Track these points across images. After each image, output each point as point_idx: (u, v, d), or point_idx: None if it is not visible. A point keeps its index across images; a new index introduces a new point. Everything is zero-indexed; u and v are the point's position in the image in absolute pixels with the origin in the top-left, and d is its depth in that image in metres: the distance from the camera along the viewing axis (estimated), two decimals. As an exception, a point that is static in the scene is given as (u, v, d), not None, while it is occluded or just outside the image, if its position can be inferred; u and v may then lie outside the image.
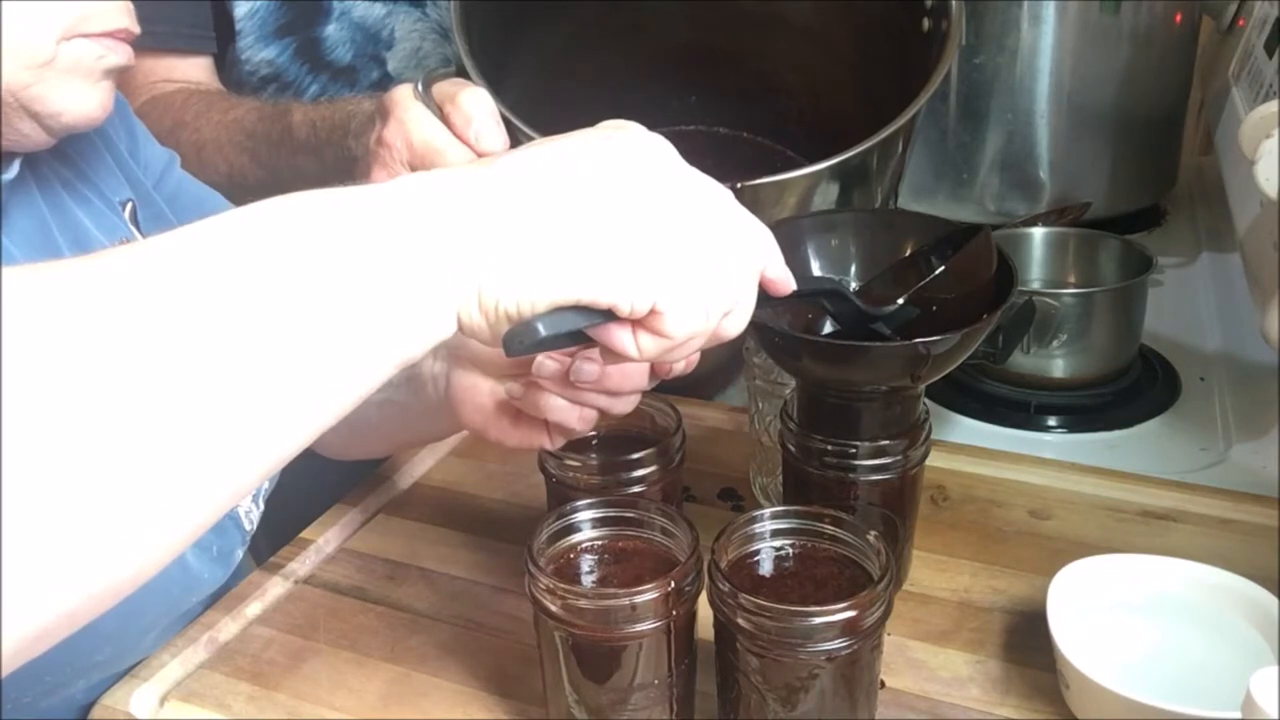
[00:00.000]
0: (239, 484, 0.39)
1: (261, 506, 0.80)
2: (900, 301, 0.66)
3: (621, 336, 0.47)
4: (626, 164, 0.46)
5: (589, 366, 0.56)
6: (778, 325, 0.62)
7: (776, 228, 0.52)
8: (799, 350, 0.65)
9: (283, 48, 1.10)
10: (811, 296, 0.62)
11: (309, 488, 0.86)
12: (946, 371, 0.65)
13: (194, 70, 1.07)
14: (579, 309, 0.45)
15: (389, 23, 1.15)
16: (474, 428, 0.69)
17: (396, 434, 0.81)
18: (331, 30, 1.12)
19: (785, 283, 0.54)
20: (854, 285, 0.71)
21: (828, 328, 0.69)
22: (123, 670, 0.71)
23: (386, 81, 1.12)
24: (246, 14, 1.08)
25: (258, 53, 1.10)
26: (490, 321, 0.44)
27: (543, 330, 0.44)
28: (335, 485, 0.87)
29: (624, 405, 0.64)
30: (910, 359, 0.62)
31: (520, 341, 0.44)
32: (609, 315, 0.46)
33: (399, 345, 0.42)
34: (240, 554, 0.78)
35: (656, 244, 0.46)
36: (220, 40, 1.09)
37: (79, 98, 0.62)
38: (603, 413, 0.64)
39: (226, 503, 0.39)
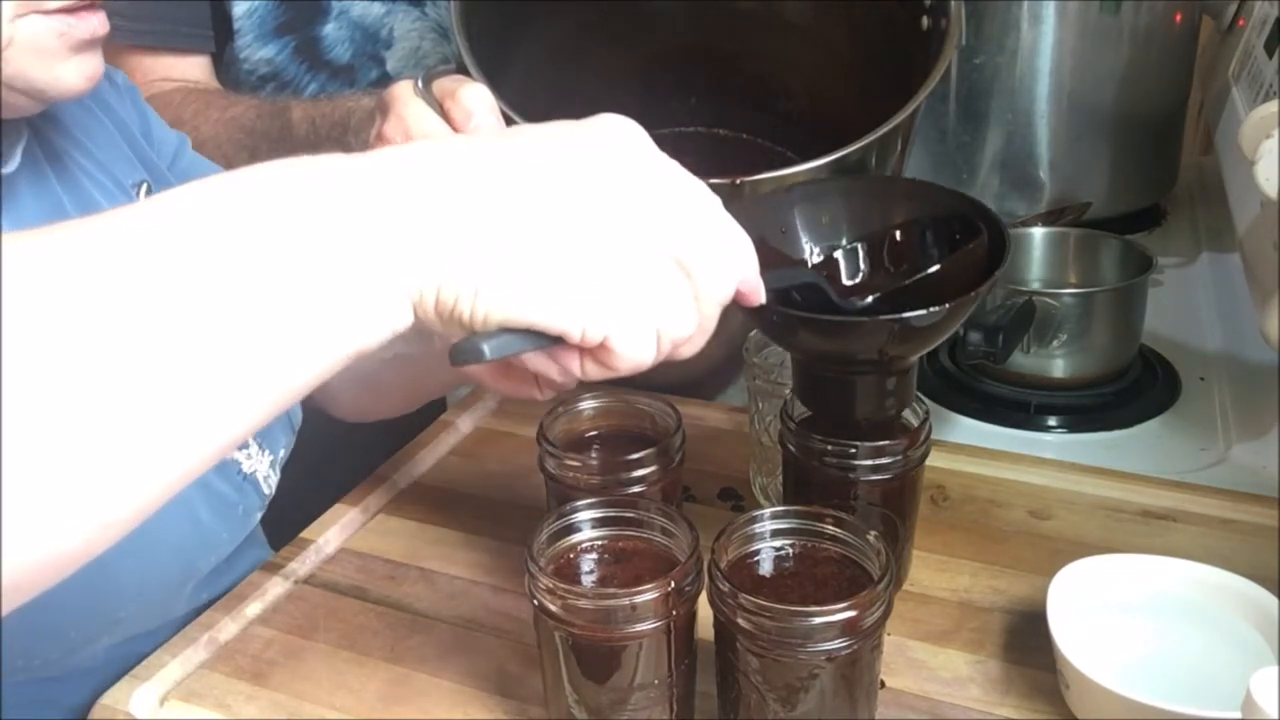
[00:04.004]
0: (194, 455, 0.39)
1: (278, 474, 0.81)
2: (878, 294, 0.65)
3: (570, 361, 0.48)
4: (608, 180, 0.46)
5: None
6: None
7: (764, 201, 0.51)
8: (789, 325, 0.63)
9: (281, 47, 1.10)
10: (784, 291, 0.61)
11: (309, 487, 0.86)
12: (938, 341, 0.64)
13: (192, 69, 1.07)
14: (529, 332, 0.45)
15: (388, 22, 1.15)
16: (470, 375, 0.70)
17: (410, 387, 0.83)
18: (330, 29, 1.12)
19: (755, 294, 0.53)
20: (845, 248, 0.69)
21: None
22: (147, 629, 0.72)
23: (385, 81, 1.12)
24: (245, 13, 1.08)
25: (256, 51, 1.10)
26: (443, 320, 0.44)
27: (488, 354, 0.44)
28: (336, 485, 0.87)
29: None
30: (891, 333, 0.61)
31: (464, 357, 0.45)
32: (557, 339, 0.46)
33: (353, 335, 0.42)
34: (258, 517, 0.79)
35: (621, 276, 0.45)
36: (219, 39, 1.09)
37: (57, 73, 0.62)
38: None
39: (183, 470, 0.39)
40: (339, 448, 0.95)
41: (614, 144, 0.47)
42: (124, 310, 0.37)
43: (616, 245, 0.45)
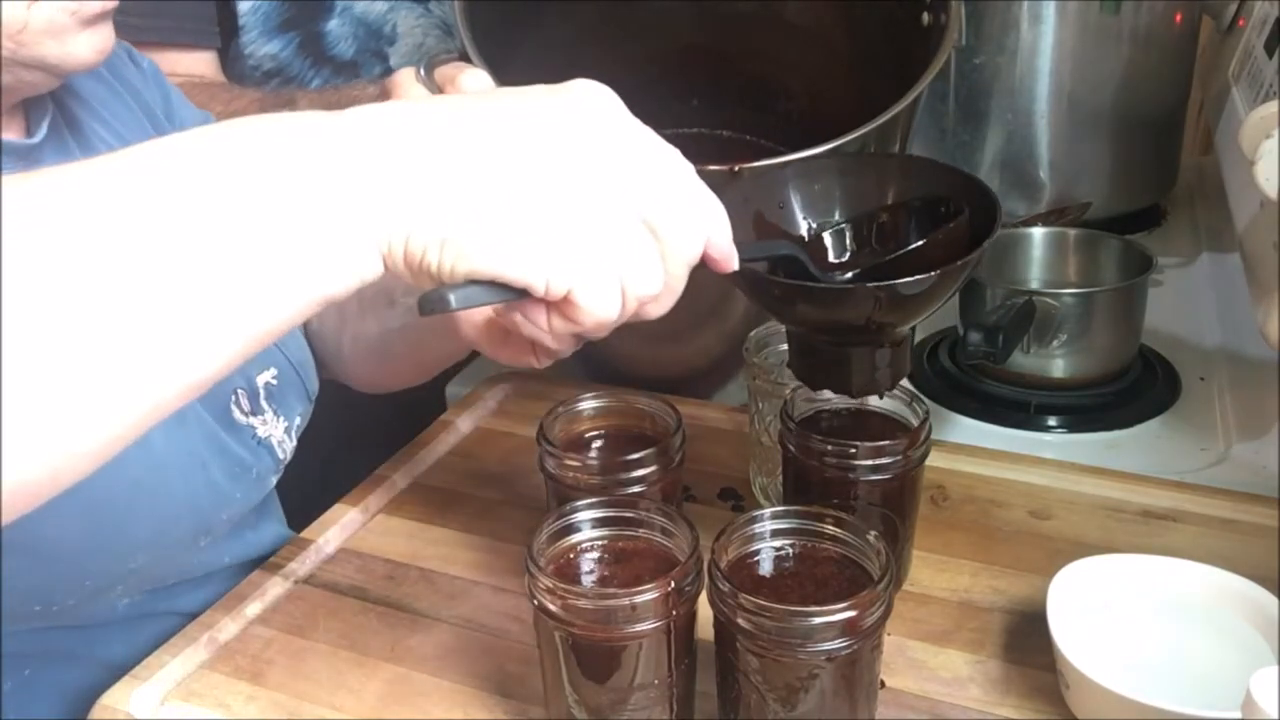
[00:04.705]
0: (162, 392, 0.40)
1: (294, 440, 0.82)
2: (868, 267, 0.66)
3: (537, 315, 0.48)
4: (587, 142, 0.47)
5: None
6: (757, 270, 0.61)
7: (761, 177, 0.51)
8: (780, 293, 0.63)
9: (286, 42, 1.11)
10: (763, 260, 0.61)
11: (310, 486, 0.86)
12: (929, 311, 0.64)
13: (198, 64, 1.08)
14: (495, 285, 0.46)
15: (391, 18, 1.16)
16: (471, 342, 0.72)
17: (421, 357, 0.85)
18: (334, 25, 1.13)
19: (728, 261, 0.53)
20: (835, 226, 0.70)
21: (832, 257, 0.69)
22: (164, 584, 0.74)
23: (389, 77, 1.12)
24: (250, 9, 1.09)
25: (261, 47, 1.10)
26: (412, 271, 0.45)
27: (454, 304, 0.46)
28: (335, 485, 0.87)
29: (597, 330, 0.65)
30: (877, 300, 0.61)
31: (432, 307, 0.46)
32: (522, 293, 0.47)
33: (321, 281, 0.43)
34: (273, 480, 0.81)
35: (586, 232, 0.46)
36: (224, 35, 1.09)
37: (70, 49, 0.64)
38: (577, 335, 0.65)
39: (151, 406, 0.40)
40: (331, 451, 0.95)
41: (585, 105, 0.48)
42: (97, 247, 0.38)
43: (582, 201, 0.46)
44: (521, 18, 0.96)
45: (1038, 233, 1.08)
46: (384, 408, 0.93)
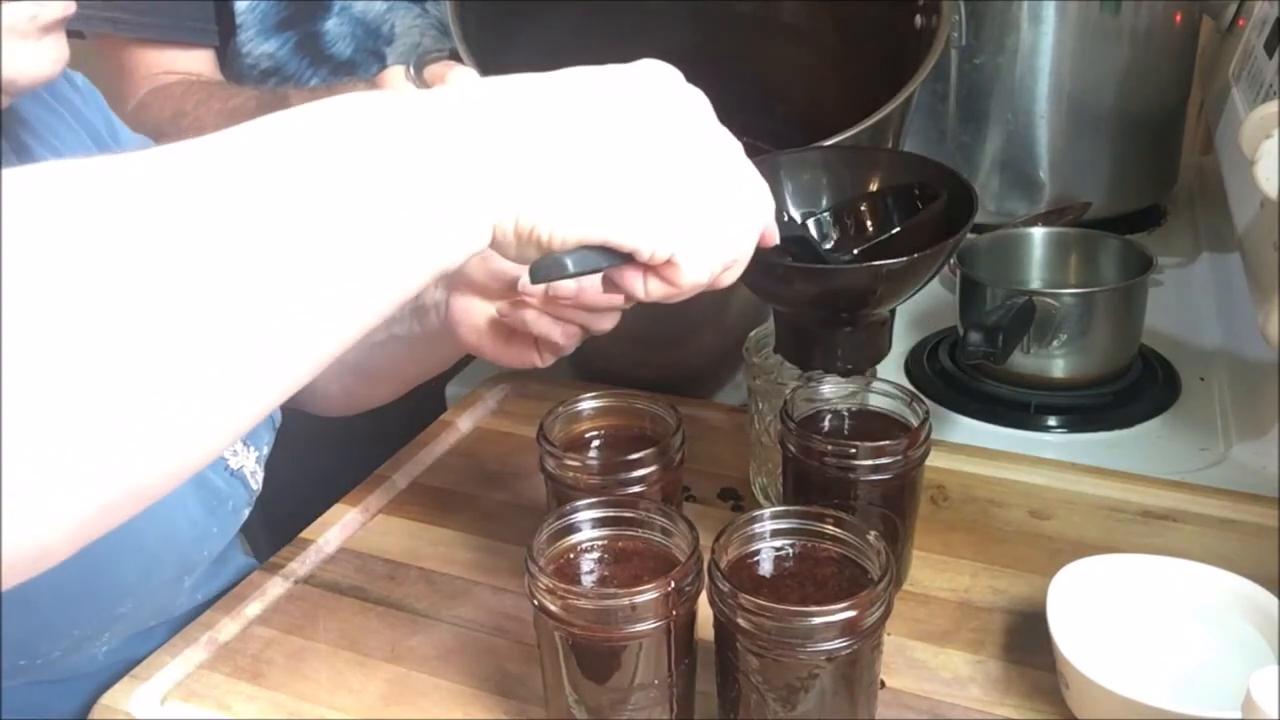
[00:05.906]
0: (271, 389, 0.38)
1: (263, 470, 0.81)
2: (856, 252, 0.69)
3: (634, 280, 0.50)
4: (669, 114, 0.48)
5: (568, 281, 0.57)
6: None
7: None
8: (768, 273, 0.65)
9: (283, 41, 1.11)
10: (782, 242, 0.64)
11: (309, 487, 0.86)
12: (912, 292, 0.66)
13: (196, 62, 1.08)
14: (603, 250, 0.47)
15: (389, 18, 1.16)
16: (471, 347, 0.72)
17: (402, 371, 0.84)
18: (332, 25, 1.13)
19: (773, 236, 0.56)
20: (819, 215, 0.73)
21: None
22: (147, 626, 0.73)
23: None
24: (246, 8, 1.09)
25: (258, 46, 1.10)
26: (521, 242, 0.45)
27: (571, 267, 0.47)
28: (335, 485, 0.87)
29: (603, 322, 0.66)
30: (878, 277, 0.64)
31: (546, 273, 0.47)
32: (627, 257, 0.48)
33: (441, 253, 0.42)
34: (246, 513, 0.80)
35: (686, 197, 0.48)
36: (222, 33, 1.10)
37: (26, 59, 0.63)
38: (584, 329, 0.67)
39: (260, 408, 0.38)
40: (331, 451, 0.95)
41: (663, 82, 0.50)
42: (215, 226, 0.35)
43: (683, 169, 0.48)
44: (514, 18, 0.96)
45: (1038, 233, 1.08)
46: (383, 408, 0.92)
